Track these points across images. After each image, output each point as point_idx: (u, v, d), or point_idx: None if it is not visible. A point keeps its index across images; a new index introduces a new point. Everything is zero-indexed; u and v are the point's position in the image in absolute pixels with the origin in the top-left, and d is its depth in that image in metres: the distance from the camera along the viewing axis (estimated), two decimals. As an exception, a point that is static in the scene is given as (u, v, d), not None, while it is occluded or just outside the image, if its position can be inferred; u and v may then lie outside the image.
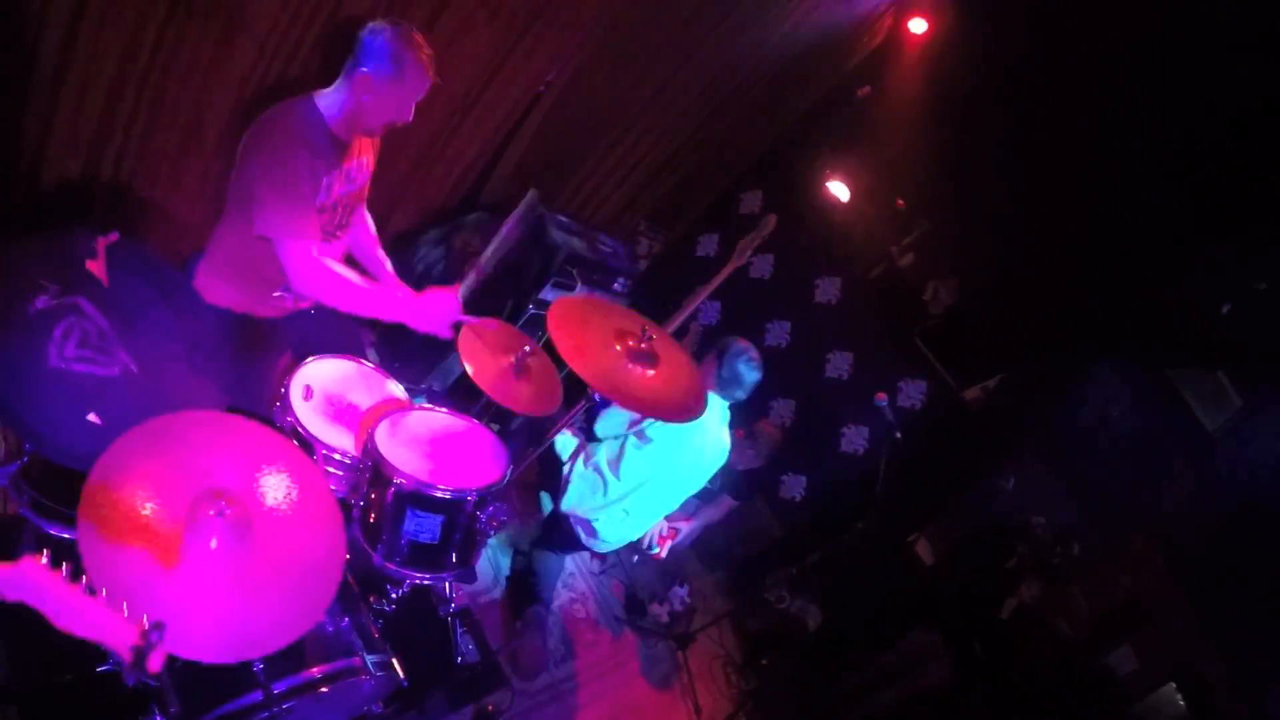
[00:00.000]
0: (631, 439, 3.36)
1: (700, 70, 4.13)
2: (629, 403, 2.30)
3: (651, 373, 2.36)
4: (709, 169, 5.01)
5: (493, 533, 2.32)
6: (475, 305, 2.49)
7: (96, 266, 2.11)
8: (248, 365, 2.46)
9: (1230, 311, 4.49)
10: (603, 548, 3.62)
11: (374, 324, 3.45)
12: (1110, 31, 4.05)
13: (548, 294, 3.98)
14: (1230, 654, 4.55)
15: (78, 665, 2.15)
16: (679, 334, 4.59)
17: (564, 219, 4.18)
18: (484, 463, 2.37)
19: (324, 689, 2.07)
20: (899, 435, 3.59)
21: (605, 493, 3.36)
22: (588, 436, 3.59)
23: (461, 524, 2.20)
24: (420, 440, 2.34)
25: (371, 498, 2.23)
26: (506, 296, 3.95)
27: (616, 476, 3.32)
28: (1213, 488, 4.70)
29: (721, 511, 4.11)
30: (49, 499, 2.00)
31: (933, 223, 4.97)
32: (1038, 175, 4.49)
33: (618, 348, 2.37)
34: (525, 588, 3.52)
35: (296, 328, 2.65)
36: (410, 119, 2.32)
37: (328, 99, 2.26)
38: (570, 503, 3.46)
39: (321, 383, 2.43)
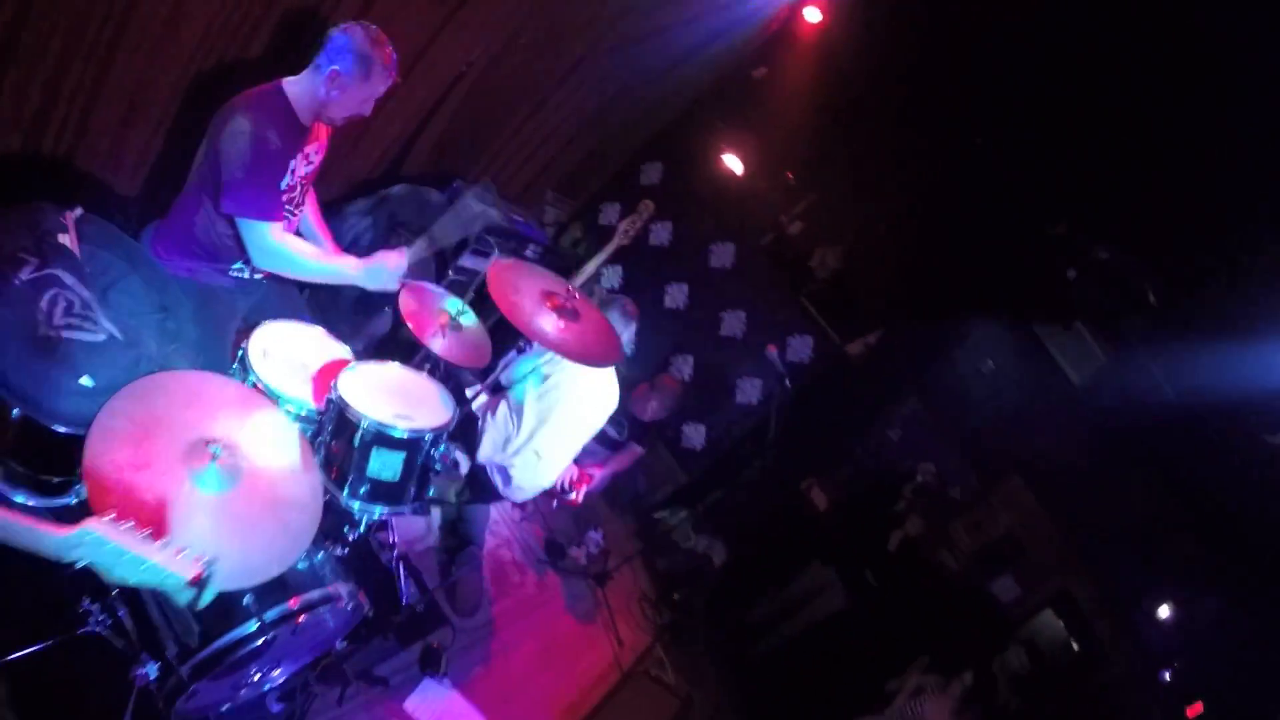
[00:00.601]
0: (532, 380, 3.64)
1: (610, 50, 4.41)
2: (559, 349, 2.66)
3: (574, 325, 2.73)
4: (613, 142, 5.30)
5: (441, 470, 2.61)
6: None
7: (68, 239, 2.25)
8: (209, 330, 2.62)
9: (1076, 277, 5.16)
10: (520, 495, 3.90)
11: (303, 288, 3.61)
12: (981, 31, 4.54)
13: (466, 260, 4.22)
14: (1098, 578, 5.24)
15: (60, 628, 2.23)
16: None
17: (479, 190, 4.40)
18: (434, 406, 2.64)
19: (302, 617, 2.30)
20: (789, 384, 4.03)
21: (516, 433, 3.62)
22: (493, 390, 3.85)
23: (418, 462, 2.48)
24: (375, 389, 2.59)
25: (332, 445, 2.46)
26: (429, 263, 4.16)
27: (522, 417, 3.60)
28: (1078, 433, 5.39)
29: (630, 459, 4.46)
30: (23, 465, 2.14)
31: (820, 195, 5.45)
32: (916, 156, 5.02)
33: (546, 305, 2.72)
34: (457, 533, 3.79)
35: (248, 294, 2.82)
36: (369, 114, 2.53)
37: (295, 88, 2.44)
38: (485, 453, 3.72)
39: (275, 344, 2.63)
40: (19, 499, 2.11)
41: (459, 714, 3.32)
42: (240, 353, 2.50)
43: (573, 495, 4.16)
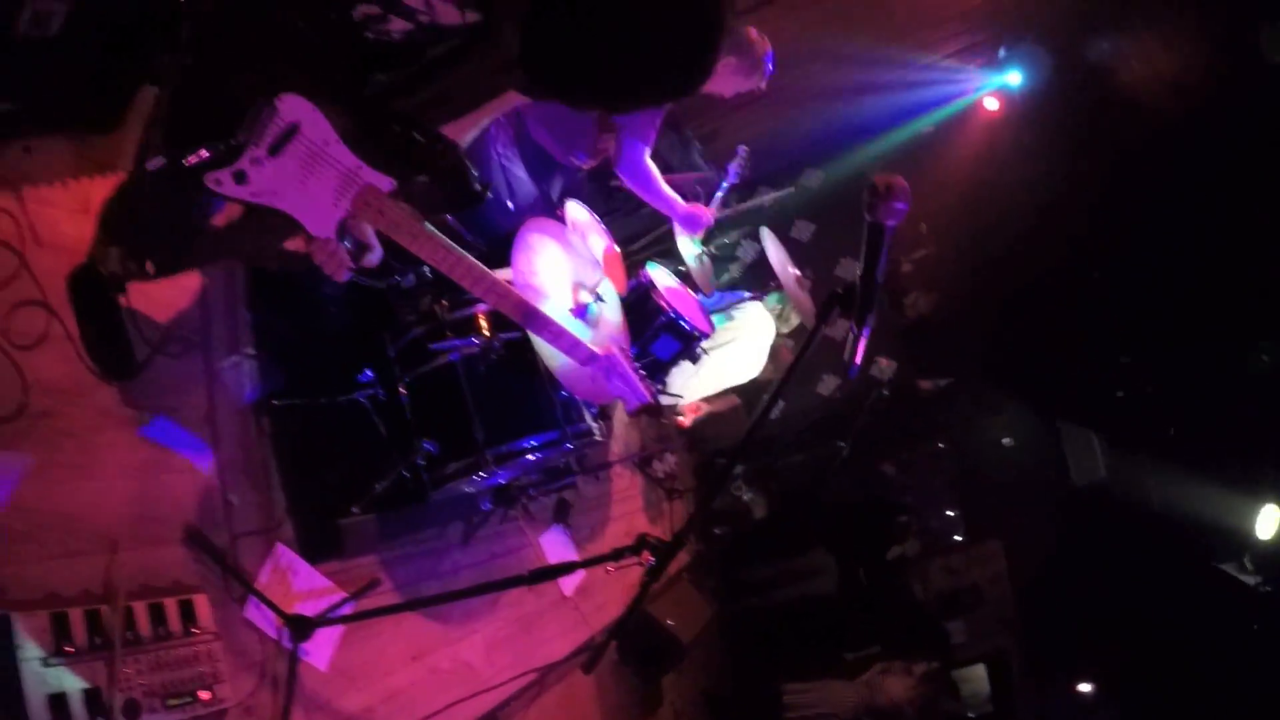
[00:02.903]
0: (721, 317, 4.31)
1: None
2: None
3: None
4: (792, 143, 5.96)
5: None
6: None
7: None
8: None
9: (1122, 398, 6.04)
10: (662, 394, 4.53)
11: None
12: (1146, 184, 5.25)
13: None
14: (1033, 654, 6.08)
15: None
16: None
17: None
18: (696, 315, 3.36)
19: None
20: (885, 392, 4.80)
21: None
22: None
23: (681, 354, 3.20)
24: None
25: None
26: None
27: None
28: (1061, 526, 6.25)
29: (727, 405, 5.23)
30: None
31: (938, 250, 6.18)
32: (1034, 248, 5.77)
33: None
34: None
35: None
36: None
37: None
38: None
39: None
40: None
41: (567, 557, 4.08)
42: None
43: (683, 418, 4.92)
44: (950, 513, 6.40)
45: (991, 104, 5.82)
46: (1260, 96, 4.89)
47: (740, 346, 4.32)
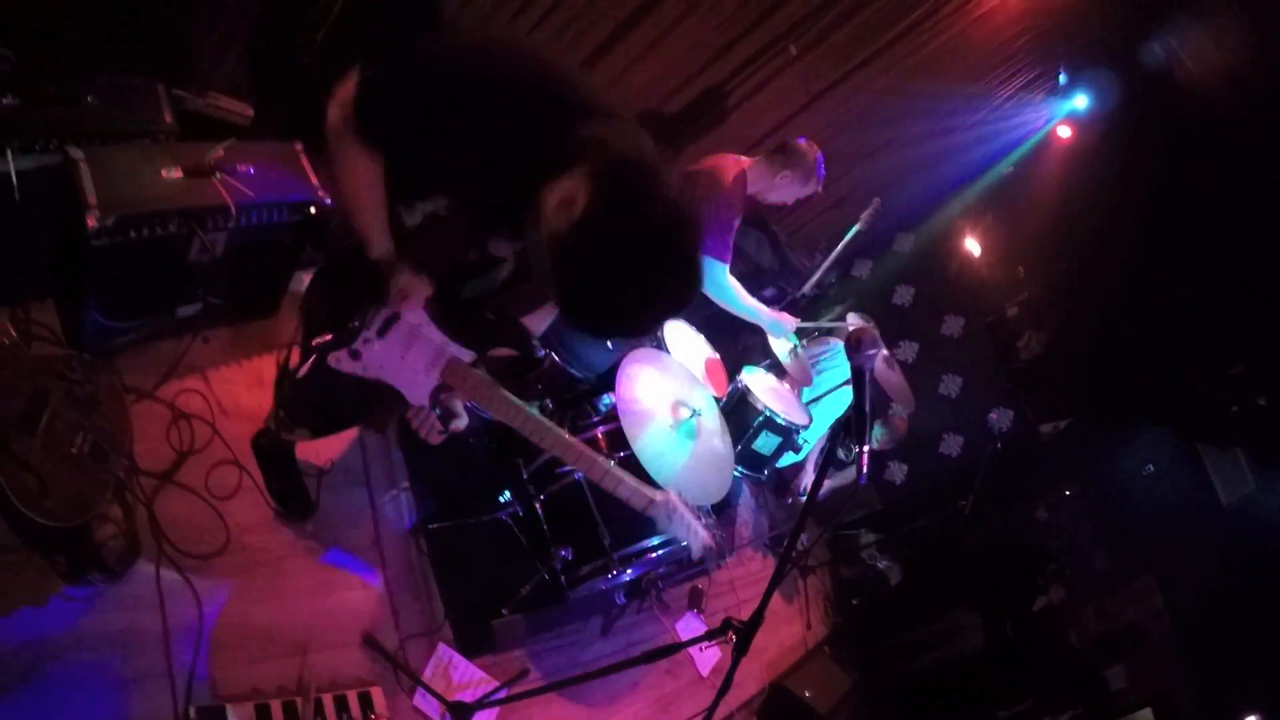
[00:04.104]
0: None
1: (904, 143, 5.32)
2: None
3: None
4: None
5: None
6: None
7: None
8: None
9: (1238, 411, 5.75)
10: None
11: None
12: (1225, 186, 5.19)
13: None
14: (1202, 691, 5.67)
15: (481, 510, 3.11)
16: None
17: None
18: (797, 410, 3.60)
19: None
20: (1000, 445, 4.80)
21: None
22: None
23: (783, 446, 3.44)
24: (764, 389, 3.60)
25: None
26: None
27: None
28: (1216, 549, 5.91)
29: (850, 480, 5.34)
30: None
31: (1042, 288, 6.17)
32: (1131, 275, 5.69)
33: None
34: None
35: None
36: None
37: (753, 173, 3.43)
38: None
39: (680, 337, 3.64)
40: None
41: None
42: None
43: (803, 496, 5.08)
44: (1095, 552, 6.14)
45: (1065, 132, 5.85)
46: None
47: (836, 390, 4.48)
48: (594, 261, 1.32)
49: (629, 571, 3.17)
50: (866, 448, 1.70)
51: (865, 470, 1.71)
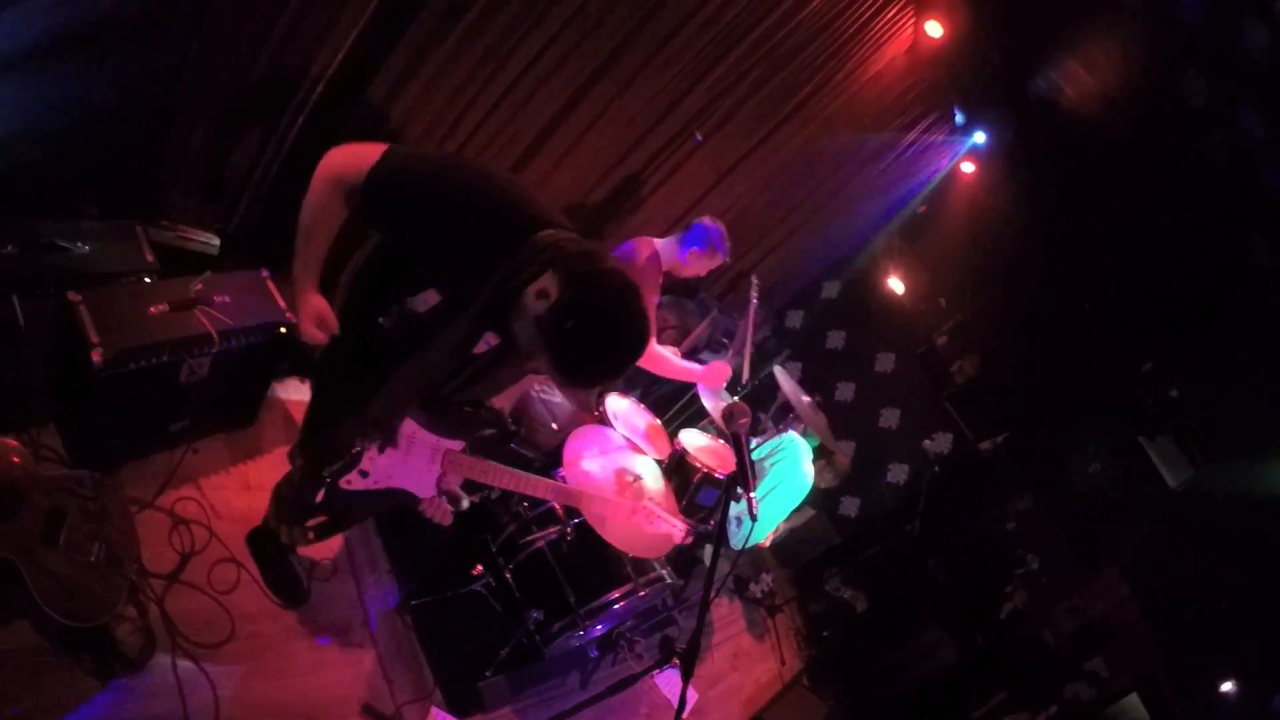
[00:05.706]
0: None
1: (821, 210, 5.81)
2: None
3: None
4: (806, 266, 6.68)
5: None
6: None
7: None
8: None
9: (1154, 405, 6.20)
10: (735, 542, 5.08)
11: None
12: (1114, 201, 5.72)
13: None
14: (1179, 666, 5.95)
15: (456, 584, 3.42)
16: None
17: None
18: (729, 464, 3.93)
19: (645, 591, 3.51)
20: (937, 469, 5.18)
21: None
22: None
23: (723, 500, 3.76)
24: (701, 449, 3.93)
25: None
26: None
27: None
28: (1171, 531, 6.26)
29: (804, 519, 5.67)
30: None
31: (965, 315, 6.65)
32: (1045, 289, 6.18)
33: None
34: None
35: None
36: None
37: (665, 250, 3.79)
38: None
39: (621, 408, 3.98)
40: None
41: (675, 685, 4.51)
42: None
43: (763, 541, 5.38)
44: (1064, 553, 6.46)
45: (968, 167, 6.35)
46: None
47: (787, 483, 4.80)
48: (574, 328, 1.75)
49: (598, 626, 3.48)
50: (753, 494, 2.13)
51: (755, 513, 2.13)
